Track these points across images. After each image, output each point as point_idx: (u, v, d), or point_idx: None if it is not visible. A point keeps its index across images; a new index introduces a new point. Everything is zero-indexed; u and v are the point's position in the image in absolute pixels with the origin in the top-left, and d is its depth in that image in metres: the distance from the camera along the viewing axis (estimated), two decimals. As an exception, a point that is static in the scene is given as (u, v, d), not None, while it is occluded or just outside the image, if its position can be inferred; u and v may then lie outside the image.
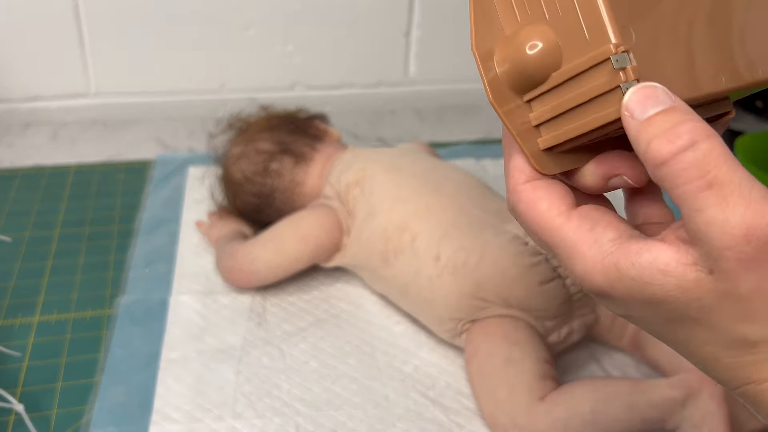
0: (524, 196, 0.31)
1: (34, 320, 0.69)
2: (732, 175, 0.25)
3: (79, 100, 1.06)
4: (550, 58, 0.30)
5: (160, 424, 0.58)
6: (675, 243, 0.28)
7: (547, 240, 0.31)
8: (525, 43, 0.31)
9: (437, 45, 1.12)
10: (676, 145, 0.26)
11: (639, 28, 0.29)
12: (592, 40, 0.29)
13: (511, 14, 0.32)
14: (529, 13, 0.31)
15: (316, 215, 0.73)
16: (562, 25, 0.30)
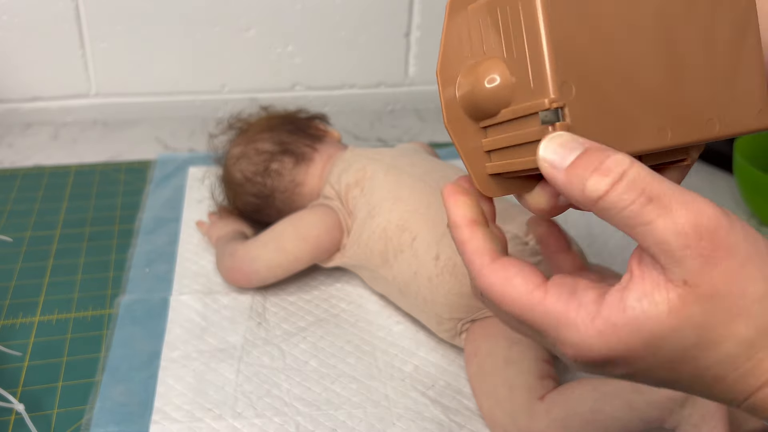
0: (495, 278, 0.31)
1: (35, 320, 0.69)
2: (664, 188, 0.28)
3: (80, 100, 1.06)
4: (502, 94, 0.32)
5: (160, 424, 0.58)
6: (643, 273, 0.29)
7: (528, 319, 0.30)
8: (485, 76, 0.32)
9: (437, 46, 1.12)
10: (611, 177, 0.28)
11: (585, 80, 0.30)
12: (535, 89, 0.30)
13: (477, 46, 0.33)
14: (493, 48, 0.32)
15: (316, 215, 0.73)
16: (515, 67, 0.31)
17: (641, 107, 0.31)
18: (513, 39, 0.31)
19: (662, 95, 0.32)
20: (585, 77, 0.30)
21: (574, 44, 0.30)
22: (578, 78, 0.30)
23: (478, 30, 0.33)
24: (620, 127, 0.31)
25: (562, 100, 0.29)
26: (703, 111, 0.33)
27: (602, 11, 0.31)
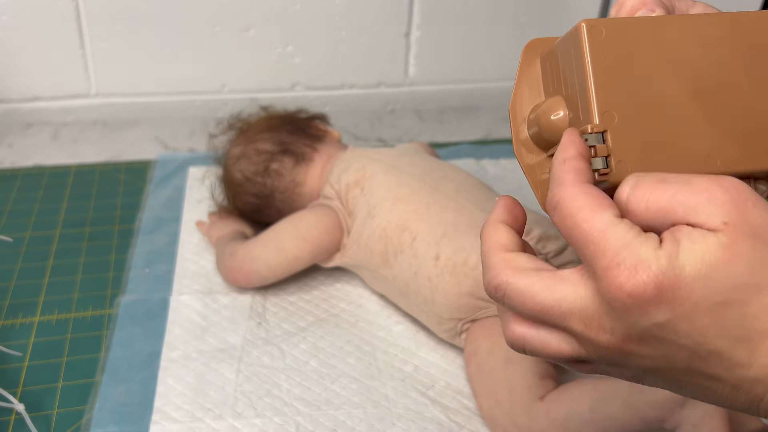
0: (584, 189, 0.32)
1: (35, 320, 0.69)
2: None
3: (80, 100, 1.06)
4: (562, 125, 0.36)
5: (160, 424, 0.58)
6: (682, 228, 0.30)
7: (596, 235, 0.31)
8: (549, 111, 0.37)
9: (437, 46, 1.12)
10: None
11: (629, 111, 0.34)
12: (583, 119, 0.35)
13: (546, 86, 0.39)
14: (556, 88, 0.38)
15: (316, 215, 0.73)
16: (571, 103, 0.36)
17: (688, 139, 0.34)
18: (569, 79, 0.36)
19: (710, 129, 0.35)
20: (629, 108, 0.34)
21: (619, 80, 0.34)
22: (621, 108, 0.34)
23: (546, 73, 0.38)
24: (665, 153, 0.34)
25: (604, 126, 0.34)
26: (758, 142, 0.35)
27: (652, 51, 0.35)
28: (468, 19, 1.10)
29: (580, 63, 0.34)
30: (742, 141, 0.35)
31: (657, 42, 0.35)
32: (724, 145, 0.35)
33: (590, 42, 0.34)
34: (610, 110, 0.34)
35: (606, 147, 0.34)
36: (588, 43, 0.34)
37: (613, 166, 0.34)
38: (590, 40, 0.34)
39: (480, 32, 1.12)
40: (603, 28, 0.34)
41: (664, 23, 0.35)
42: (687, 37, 0.35)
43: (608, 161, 0.34)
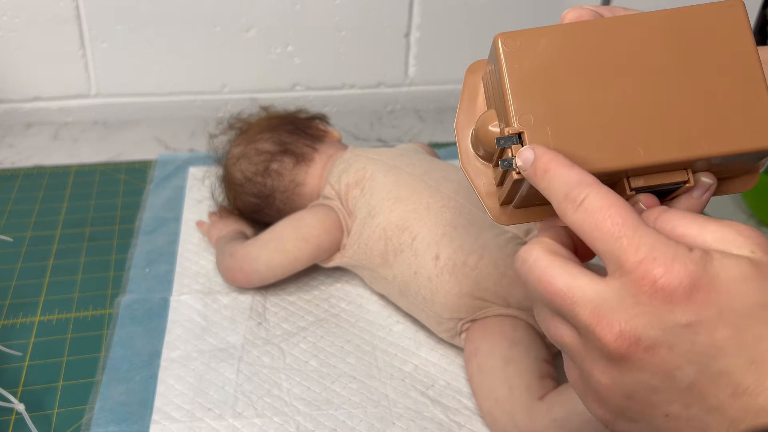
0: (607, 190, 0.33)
1: (35, 320, 0.69)
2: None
3: (80, 100, 1.06)
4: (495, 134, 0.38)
5: (160, 423, 0.59)
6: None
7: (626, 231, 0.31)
8: (486, 123, 0.39)
9: (437, 46, 1.12)
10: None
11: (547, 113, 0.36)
12: (506, 123, 0.37)
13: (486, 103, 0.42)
14: (490, 103, 0.41)
15: (316, 215, 0.73)
16: (500, 114, 0.38)
17: (612, 131, 0.36)
18: (496, 91, 0.38)
19: (634, 121, 0.36)
20: (546, 110, 0.36)
21: (536, 84, 0.36)
22: (538, 110, 0.36)
23: (485, 90, 0.41)
24: (588, 149, 0.36)
25: (520, 128, 0.36)
26: (683, 133, 0.36)
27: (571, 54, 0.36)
28: (468, 19, 1.10)
29: (499, 73, 0.37)
30: (665, 132, 0.36)
31: (571, 46, 0.36)
32: (647, 137, 0.36)
33: (505, 53, 0.36)
34: (527, 113, 0.36)
35: (519, 147, 0.36)
36: (503, 54, 0.36)
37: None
38: (505, 51, 0.36)
39: (480, 32, 1.12)
40: (518, 38, 0.36)
41: (579, 28, 0.37)
42: (603, 39, 0.37)
43: None
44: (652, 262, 0.29)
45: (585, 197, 0.32)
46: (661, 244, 0.30)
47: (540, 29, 0.37)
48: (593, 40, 0.36)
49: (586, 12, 0.38)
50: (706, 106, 0.36)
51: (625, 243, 0.30)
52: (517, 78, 0.36)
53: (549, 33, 0.37)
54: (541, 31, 0.37)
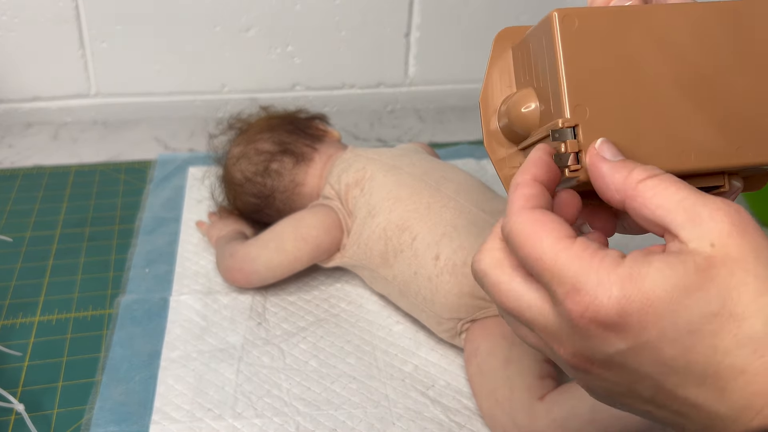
0: (529, 219, 0.31)
1: (35, 320, 0.69)
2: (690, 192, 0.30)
3: (80, 100, 1.06)
4: (533, 118, 0.35)
5: (160, 424, 0.58)
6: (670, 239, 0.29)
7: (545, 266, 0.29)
8: (520, 103, 0.35)
9: (437, 46, 1.12)
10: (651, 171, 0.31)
11: (603, 105, 0.33)
12: (554, 112, 0.34)
13: (517, 77, 0.37)
14: (528, 79, 0.36)
15: (316, 215, 0.73)
16: (543, 95, 0.34)
17: (665, 131, 0.33)
18: (540, 70, 0.34)
19: (688, 121, 0.34)
20: (602, 102, 0.33)
21: (592, 72, 0.33)
22: (594, 102, 0.33)
23: (518, 64, 0.37)
24: (639, 148, 0.33)
25: (575, 120, 0.32)
26: (733, 140, 0.34)
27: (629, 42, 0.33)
28: (468, 19, 1.10)
29: (551, 54, 0.33)
30: (717, 137, 0.34)
31: (632, 33, 0.33)
32: (699, 141, 0.34)
33: (562, 33, 0.33)
34: (582, 104, 0.33)
35: (577, 142, 0.32)
36: (560, 34, 0.33)
37: (585, 162, 0.33)
38: (562, 30, 0.33)
39: (480, 32, 1.12)
40: (576, 18, 0.33)
41: (640, 13, 0.34)
42: (663, 28, 0.34)
43: (579, 157, 0.33)
44: (577, 294, 0.28)
45: (508, 231, 0.31)
46: (583, 272, 0.28)
47: (598, 10, 0.33)
48: (654, 28, 0.33)
49: None
50: (759, 111, 0.34)
51: (548, 276, 0.29)
52: (573, 63, 0.32)
53: (607, 17, 0.33)
54: (599, 13, 0.33)
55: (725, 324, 0.26)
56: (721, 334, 0.26)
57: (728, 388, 0.26)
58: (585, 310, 0.28)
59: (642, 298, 0.27)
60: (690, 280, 0.27)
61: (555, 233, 0.30)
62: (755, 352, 0.26)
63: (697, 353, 0.27)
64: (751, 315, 0.26)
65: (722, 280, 0.27)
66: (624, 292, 0.27)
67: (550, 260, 0.29)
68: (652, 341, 0.27)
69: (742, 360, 0.26)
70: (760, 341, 0.26)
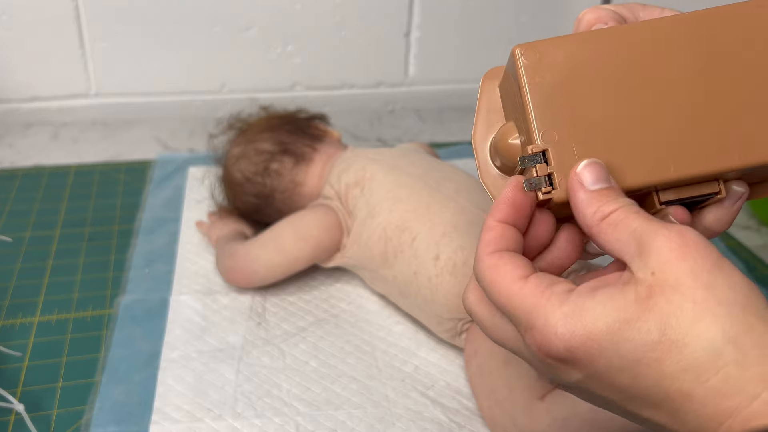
0: (488, 264, 0.33)
1: (35, 320, 0.69)
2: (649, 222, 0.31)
3: (80, 100, 1.06)
4: (515, 149, 0.36)
5: (160, 424, 0.58)
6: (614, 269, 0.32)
7: (508, 307, 0.32)
8: (506, 137, 0.37)
9: (437, 46, 1.12)
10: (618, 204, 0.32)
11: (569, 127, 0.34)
12: (527, 140, 0.35)
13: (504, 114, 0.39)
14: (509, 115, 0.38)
15: (316, 215, 0.73)
16: (521, 127, 0.36)
17: (640, 145, 0.34)
18: (515, 104, 0.36)
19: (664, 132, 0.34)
20: (570, 125, 0.34)
21: (558, 98, 0.34)
22: (562, 126, 0.34)
23: (503, 100, 0.39)
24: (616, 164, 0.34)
25: (543, 146, 0.34)
26: (716, 141, 0.34)
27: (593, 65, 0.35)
28: (468, 19, 1.10)
29: (519, 86, 0.35)
30: (696, 144, 0.34)
31: (594, 56, 0.35)
32: (677, 150, 0.34)
33: (525, 65, 0.34)
34: (550, 129, 0.34)
35: (545, 166, 0.34)
36: (523, 66, 0.34)
37: (557, 184, 0.34)
38: (525, 63, 0.34)
39: (480, 32, 1.12)
40: (537, 50, 0.35)
41: (600, 36, 0.35)
42: (626, 47, 0.35)
43: (551, 179, 0.34)
44: (530, 332, 0.30)
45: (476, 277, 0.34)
46: (534, 311, 0.30)
47: (560, 39, 0.35)
48: (616, 48, 0.35)
49: (605, 13, 0.36)
50: (737, 114, 0.34)
51: (510, 315, 0.32)
52: (538, 93, 0.34)
53: (569, 43, 0.35)
54: (561, 42, 0.35)
55: (667, 351, 0.27)
56: (665, 361, 0.27)
57: (682, 411, 0.28)
58: (539, 347, 0.30)
59: (584, 332, 0.29)
60: (629, 312, 0.28)
61: (509, 276, 0.32)
62: (698, 378, 0.27)
63: (646, 379, 0.28)
64: (691, 342, 0.27)
65: (660, 309, 0.28)
66: (567, 328, 0.29)
67: (507, 301, 0.32)
68: (602, 371, 0.29)
69: (688, 385, 0.27)
70: (701, 367, 0.27)
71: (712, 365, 0.27)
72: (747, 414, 0.26)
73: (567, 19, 1.13)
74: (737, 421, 0.26)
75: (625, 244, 0.30)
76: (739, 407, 0.26)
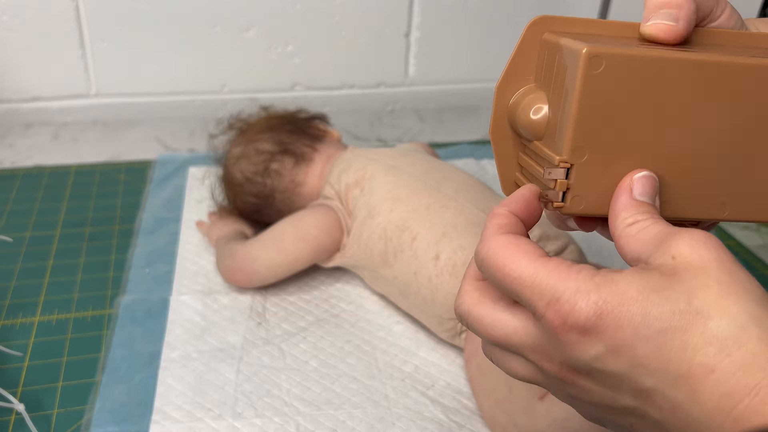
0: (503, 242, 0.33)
1: (35, 320, 0.69)
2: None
3: (80, 100, 1.06)
4: (538, 127, 0.35)
5: (160, 424, 0.59)
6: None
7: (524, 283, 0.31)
8: (531, 105, 0.35)
9: (437, 46, 1.12)
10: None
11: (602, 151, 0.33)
12: (557, 141, 0.34)
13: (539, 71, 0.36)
14: (544, 81, 0.35)
15: (316, 215, 0.73)
16: (554, 110, 0.34)
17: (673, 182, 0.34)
18: (559, 88, 0.34)
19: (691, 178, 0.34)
20: (604, 149, 0.33)
21: (605, 118, 0.32)
22: (596, 147, 0.33)
23: (542, 60, 0.36)
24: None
25: (571, 161, 0.33)
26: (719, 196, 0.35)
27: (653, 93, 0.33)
28: (468, 19, 1.10)
29: (572, 87, 0.32)
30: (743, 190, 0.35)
31: (658, 83, 0.33)
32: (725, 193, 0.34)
33: (585, 73, 0.32)
34: (584, 147, 0.33)
35: (566, 182, 0.33)
36: (583, 74, 0.32)
37: (568, 201, 0.34)
38: (586, 71, 0.32)
39: (480, 32, 1.12)
40: (604, 60, 0.32)
41: (671, 65, 0.32)
42: (690, 83, 0.33)
43: (565, 195, 0.34)
44: (557, 303, 0.30)
45: (483, 256, 0.33)
46: (561, 283, 0.30)
47: (632, 56, 0.32)
48: (686, 80, 0.33)
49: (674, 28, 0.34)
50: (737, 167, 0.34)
51: (528, 293, 0.31)
52: (588, 106, 0.32)
53: (640, 64, 0.32)
54: (632, 60, 0.32)
55: (693, 321, 0.28)
56: (690, 331, 0.28)
57: (698, 389, 0.27)
58: (566, 317, 0.30)
59: (617, 299, 0.29)
60: (657, 282, 0.29)
61: (530, 254, 0.32)
62: (722, 351, 0.27)
63: (669, 350, 0.28)
64: (716, 315, 0.28)
65: (686, 282, 0.29)
66: (600, 294, 0.29)
67: (530, 277, 0.31)
68: (628, 340, 0.29)
69: (711, 358, 0.27)
70: (726, 340, 0.27)
71: (735, 340, 0.27)
72: (766, 394, 0.26)
73: (567, 19, 1.13)
74: (756, 400, 0.26)
75: (645, 243, 0.31)
76: (759, 385, 0.26)
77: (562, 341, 0.30)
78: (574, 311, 0.29)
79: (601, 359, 0.29)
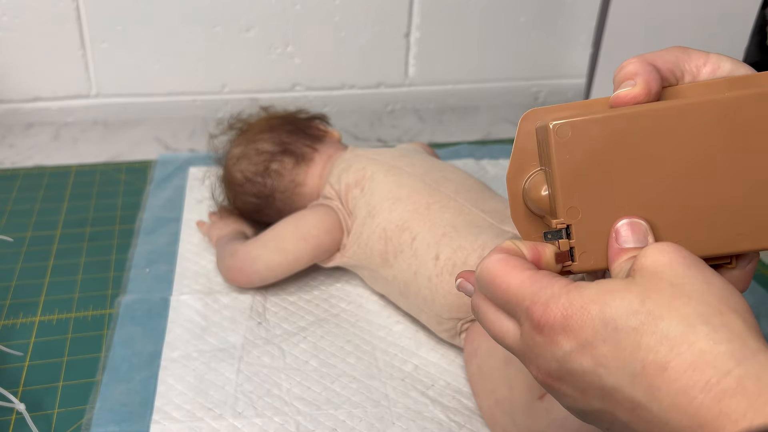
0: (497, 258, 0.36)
1: (36, 320, 0.70)
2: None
3: (81, 100, 1.06)
4: (545, 202, 0.38)
5: (161, 423, 0.59)
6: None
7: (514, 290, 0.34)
8: (538, 185, 0.38)
9: (437, 46, 1.12)
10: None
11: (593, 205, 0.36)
12: (553, 209, 0.37)
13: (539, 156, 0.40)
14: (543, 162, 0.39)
15: (316, 215, 0.73)
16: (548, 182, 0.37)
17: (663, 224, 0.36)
18: (546, 161, 0.37)
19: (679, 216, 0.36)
20: (595, 202, 0.36)
21: (586, 176, 0.36)
22: (587, 203, 0.36)
23: (539, 145, 0.39)
24: None
25: (568, 221, 0.36)
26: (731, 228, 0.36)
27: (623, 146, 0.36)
28: (468, 19, 1.10)
29: (551, 157, 0.36)
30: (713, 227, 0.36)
31: (624, 138, 0.36)
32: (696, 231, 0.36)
33: (556, 142, 0.35)
34: (576, 206, 0.36)
35: (567, 241, 0.36)
36: (554, 143, 0.36)
37: (576, 258, 0.37)
38: (557, 141, 0.35)
39: (480, 32, 1.12)
40: (569, 128, 0.35)
41: (629, 119, 0.35)
42: (660, 131, 0.35)
43: (572, 253, 0.37)
44: (534, 306, 0.33)
45: (478, 274, 0.36)
46: (541, 290, 0.33)
47: (593, 119, 0.35)
48: (649, 131, 0.35)
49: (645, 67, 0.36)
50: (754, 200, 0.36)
51: (514, 301, 0.34)
52: (567, 169, 0.36)
53: (602, 122, 0.35)
54: (594, 121, 0.35)
55: (645, 321, 0.30)
56: (642, 331, 0.30)
57: (654, 387, 0.29)
58: (539, 319, 0.32)
59: (581, 302, 0.31)
60: (615, 285, 0.32)
61: (519, 267, 0.35)
62: (672, 350, 0.29)
63: (624, 349, 0.30)
64: (667, 316, 0.29)
65: (641, 285, 0.31)
66: (568, 297, 0.32)
67: (516, 287, 0.34)
68: (589, 339, 0.31)
69: (663, 357, 0.29)
70: (675, 339, 0.29)
71: (685, 338, 0.29)
72: (718, 391, 0.27)
73: (567, 20, 1.13)
74: (709, 396, 0.27)
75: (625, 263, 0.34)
76: (710, 382, 0.27)
77: (538, 343, 0.33)
78: (545, 313, 0.32)
79: (569, 358, 0.31)
